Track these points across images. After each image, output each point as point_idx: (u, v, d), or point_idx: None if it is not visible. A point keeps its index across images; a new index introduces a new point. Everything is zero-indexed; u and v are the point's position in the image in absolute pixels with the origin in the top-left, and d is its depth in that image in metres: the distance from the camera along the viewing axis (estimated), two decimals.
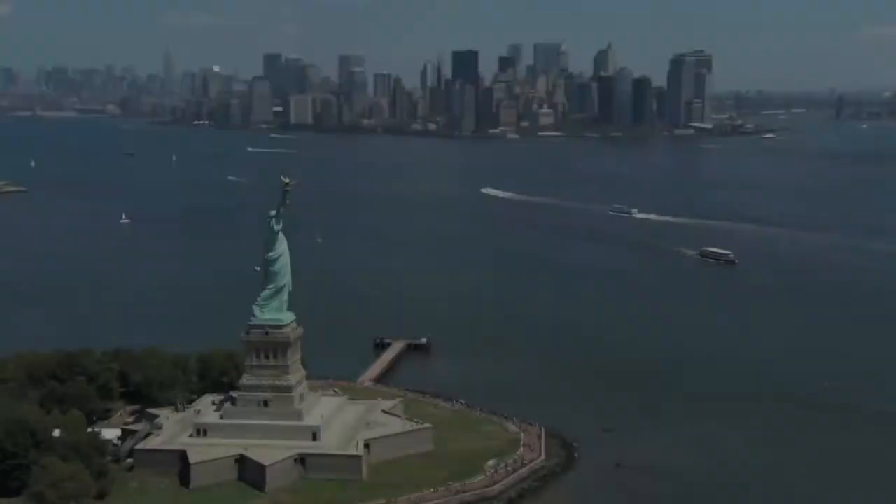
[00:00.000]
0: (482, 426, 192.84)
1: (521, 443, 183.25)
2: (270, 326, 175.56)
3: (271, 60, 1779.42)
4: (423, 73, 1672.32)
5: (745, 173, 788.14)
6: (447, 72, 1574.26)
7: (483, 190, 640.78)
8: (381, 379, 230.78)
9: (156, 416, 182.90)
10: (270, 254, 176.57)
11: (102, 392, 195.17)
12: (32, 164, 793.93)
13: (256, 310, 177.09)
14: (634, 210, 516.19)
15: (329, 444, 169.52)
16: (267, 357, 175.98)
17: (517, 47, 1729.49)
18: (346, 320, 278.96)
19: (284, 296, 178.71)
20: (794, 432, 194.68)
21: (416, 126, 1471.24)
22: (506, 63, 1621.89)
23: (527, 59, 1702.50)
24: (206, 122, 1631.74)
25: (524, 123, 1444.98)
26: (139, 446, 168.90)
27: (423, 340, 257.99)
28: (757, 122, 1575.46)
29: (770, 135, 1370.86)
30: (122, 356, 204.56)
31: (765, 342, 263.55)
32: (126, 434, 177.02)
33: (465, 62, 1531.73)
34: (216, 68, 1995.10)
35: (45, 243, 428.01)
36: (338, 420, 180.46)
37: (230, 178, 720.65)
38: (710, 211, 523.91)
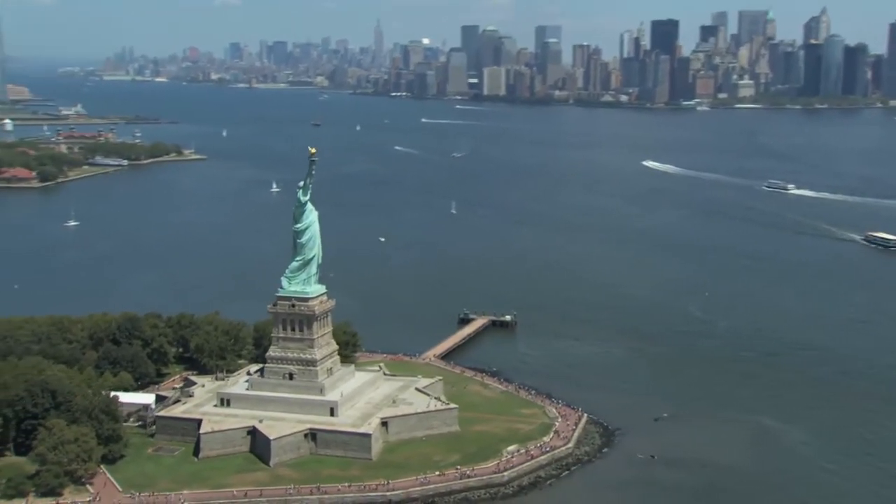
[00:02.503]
0: (522, 409, 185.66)
1: (553, 429, 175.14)
2: (297, 299, 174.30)
3: (469, 32, 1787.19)
4: (621, 44, 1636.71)
5: None
6: (647, 42, 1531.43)
7: (644, 163, 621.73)
8: (450, 355, 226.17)
9: (193, 384, 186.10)
10: (298, 225, 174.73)
11: (157, 356, 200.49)
12: (224, 133, 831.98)
13: (284, 281, 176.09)
14: (791, 186, 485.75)
15: (344, 420, 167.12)
16: (293, 329, 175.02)
17: (722, 15, 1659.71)
18: (443, 294, 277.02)
19: (313, 268, 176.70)
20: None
21: (608, 97, 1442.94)
22: (708, 32, 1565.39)
23: (731, 27, 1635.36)
24: (404, 93, 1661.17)
25: (722, 95, 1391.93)
26: (161, 413, 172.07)
27: (508, 318, 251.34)
28: None
29: None
30: (182, 322, 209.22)
31: None
32: (159, 400, 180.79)
33: (665, 32, 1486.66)
34: (425, 41, 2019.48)
35: (192, 209, 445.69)
36: (364, 396, 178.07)
37: (396, 147, 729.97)
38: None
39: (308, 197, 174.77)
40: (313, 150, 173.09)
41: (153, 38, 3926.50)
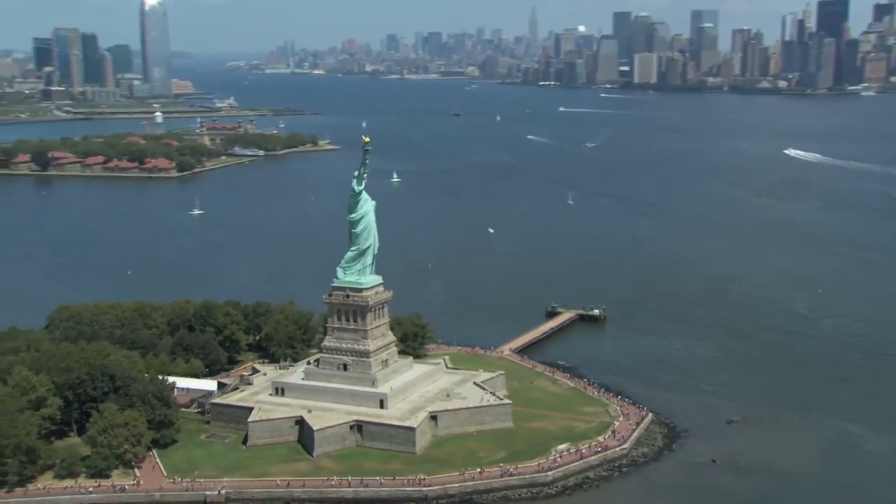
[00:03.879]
0: (585, 407, 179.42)
1: (611, 428, 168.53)
2: (351, 289, 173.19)
3: (621, 18, 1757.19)
4: (783, 26, 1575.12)
5: None
6: (812, 24, 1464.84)
7: (786, 151, 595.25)
8: (530, 349, 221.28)
9: (256, 371, 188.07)
10: (352, 215, 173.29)
11: (229, 344, 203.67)
12: (364, 124, 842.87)
13: (340, 272, 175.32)
14: None
15: (392, 413, 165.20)
16: (347, 320, 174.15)
17: None
18: (537, 286, 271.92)
19: (368, 259, 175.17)
20: None
21: (765, 84, 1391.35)
22: (882, 11, 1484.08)
23: None
24: (553, 82, 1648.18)
25: (894, 79, 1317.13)
26: (216, 400, 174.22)
27: (596, 312, 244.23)
28: None
29: None
30: (258, 310, 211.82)
31: None
32: (221, 387, 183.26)
33: (833, 12, 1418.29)
34: (581, 28, 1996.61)
35: (311, 198, 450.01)
36: (418, 389, 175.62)
37: (529, 137, 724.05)
38: None
39: (362, 186, 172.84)
40: (367, 139, 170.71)
41: (314, 31, 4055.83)
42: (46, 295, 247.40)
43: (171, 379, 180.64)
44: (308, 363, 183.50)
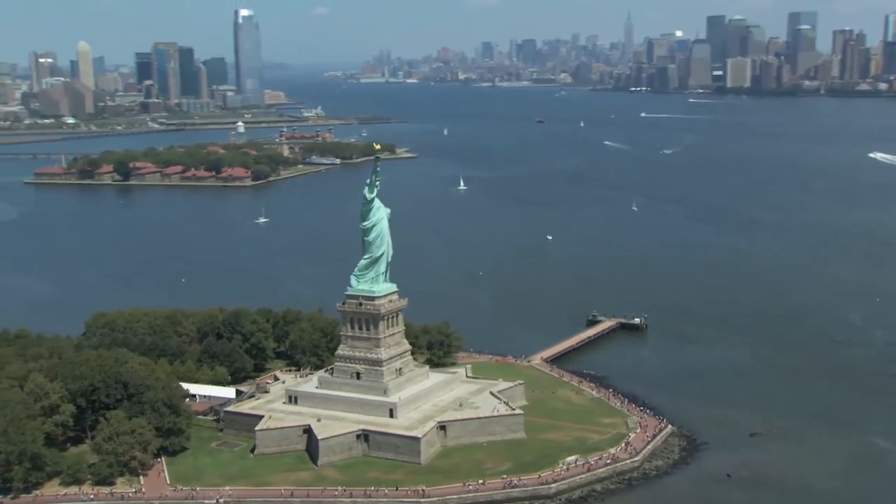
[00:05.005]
0: (604, 418, 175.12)
1: (626, 440, 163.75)
2: (364, 297, 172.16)
3: (715, 22, 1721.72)
4: (885, 26, 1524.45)
5: None
6: None
7: (871, 154, 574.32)
8: (564, 357, 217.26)
9: (277, 380, 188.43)
10: (365, 223, 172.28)
11: (255, 351, 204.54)
12: (445, 131, 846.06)
13: (353, 280, 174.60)
14: None
15: (400, 423, 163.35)
16: (360, 328, 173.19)
17: None
18: (583, 293, 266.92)
19: (381, 267, 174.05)
20: None
21: (864, 86, 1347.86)
22: None
23: None
24: (644, 88, 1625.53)
25: None
26: (229, 408, 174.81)
27: (637, 320, 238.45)
28: None
29: None
30: (288, 317, 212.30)
31: None
32: (239, 395, 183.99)
33: None
34: (678, 33, 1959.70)
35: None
36: (432, 399, 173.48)
37: (606, 142, 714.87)
38: None
39: (374, 194, 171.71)
40: (378, 147, 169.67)
41: (409, 40, 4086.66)
42: (100, 301, 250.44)
43: (189, 387, 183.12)
44: (325, 371, 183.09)
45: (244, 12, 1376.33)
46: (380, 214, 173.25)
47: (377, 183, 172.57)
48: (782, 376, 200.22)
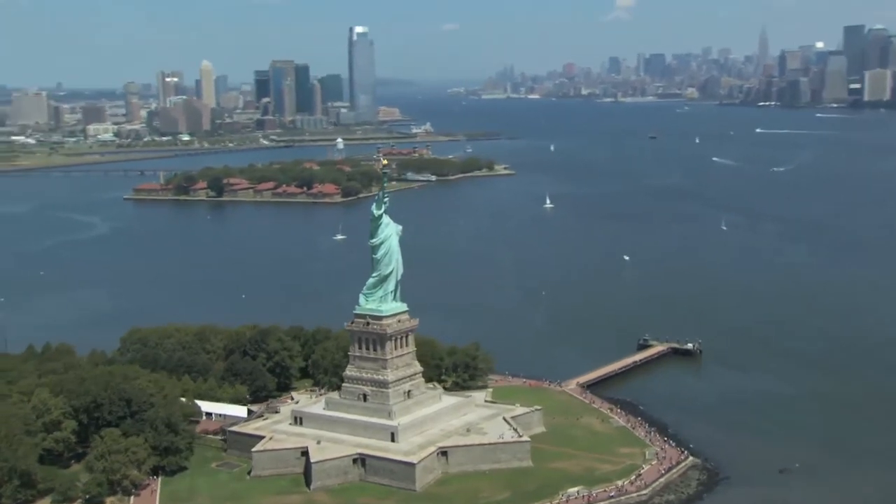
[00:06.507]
0: (622, 447, 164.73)
1: (638, 472, 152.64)
2: (371, 317, 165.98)
3: (852, 33, 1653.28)
4: None
5: None
6: None
7: None
8: (607, 382, 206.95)
9: (292, 400, 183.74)
10: (373, 240, 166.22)
11: (279, 370, 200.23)
12: (552, 147, 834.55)
13: (362, 298, 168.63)
14: None
15: (400, 447, 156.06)
16: (368, 348, 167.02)
17: None
18: (646, 316, 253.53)
19: (390, 286, 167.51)
20: None
21: None
22: None
23: None
24: (774, 102, 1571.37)
25: None
26: (232, 428, 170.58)
27: (690, 346, 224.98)
28: None
29: None
30: (317, 336, 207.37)
31: None
32: (250, 414, 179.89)
33: None
34: (818, 44, 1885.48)
35: (460, 224, 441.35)
36: (439, 423, 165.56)
37: (714, 159, 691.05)
38: None
39: (382, 210, 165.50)
40: (385, 162, 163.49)
41: (534, 55, 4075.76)
42: (155, 316, 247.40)
43: (203, 405, 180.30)
44: (335, 392, 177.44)
45: (359, 29, 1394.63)
46: (388, 231, 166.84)
47: (385, 199, 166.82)
48: (834, 407, 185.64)
